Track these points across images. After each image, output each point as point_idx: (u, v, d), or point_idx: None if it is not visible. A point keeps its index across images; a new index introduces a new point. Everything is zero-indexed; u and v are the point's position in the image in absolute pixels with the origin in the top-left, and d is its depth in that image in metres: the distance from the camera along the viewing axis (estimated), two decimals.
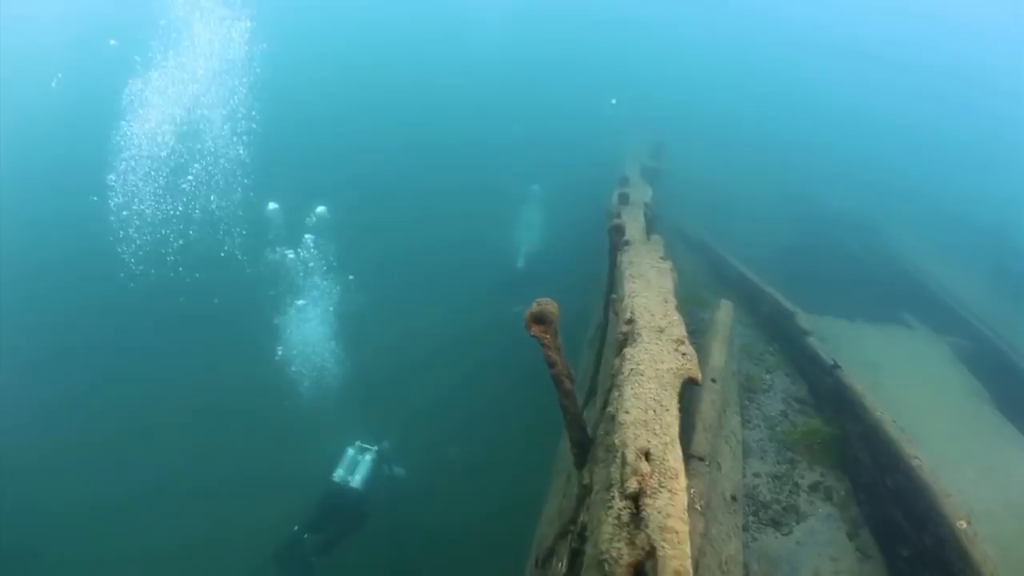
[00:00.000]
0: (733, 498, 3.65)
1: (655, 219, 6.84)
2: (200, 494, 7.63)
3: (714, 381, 4.16)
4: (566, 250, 11.81)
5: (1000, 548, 3.98)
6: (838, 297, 8.47)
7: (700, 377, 2.43)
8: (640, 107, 18.18)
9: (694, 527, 2.68)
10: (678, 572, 1.41)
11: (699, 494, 3.05)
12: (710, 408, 3.92)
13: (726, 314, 5.54)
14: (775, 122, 22.05)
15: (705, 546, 2.99)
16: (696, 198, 11.67)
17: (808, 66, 29.90)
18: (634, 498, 1.64)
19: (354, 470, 6.90)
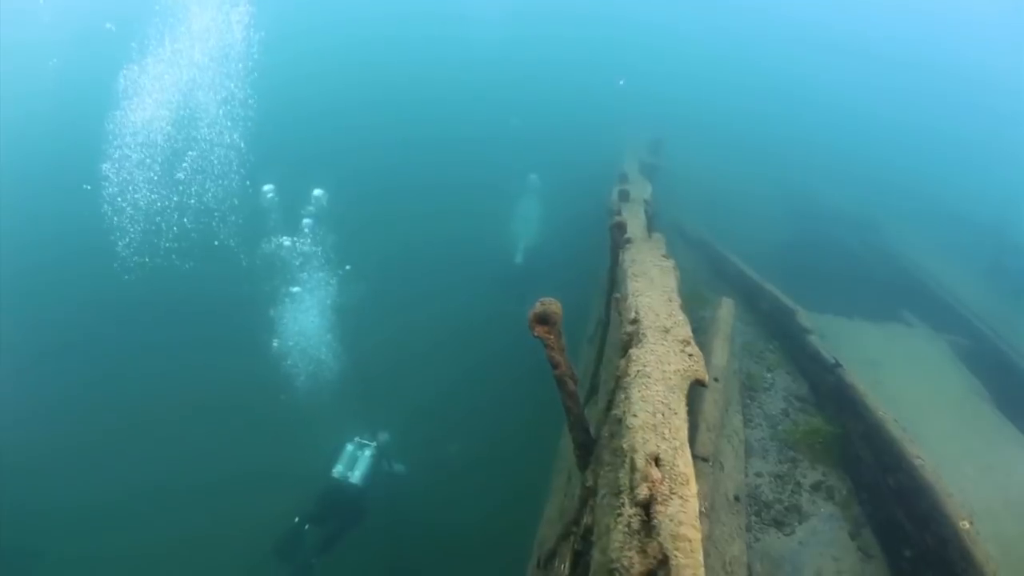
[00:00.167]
0: (736, 498, 3.63)
1: (654, 216, 6.81)
2: (199, 491, 7.58)
3: (716, 380, 4.13)
4: (564, 245, 11.76)
5: (1001, 548, 3.97)
6: (837, 295, 8.46)
7: (707, 379, 2.40)
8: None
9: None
10: None
11: (703, 495, 3.03)
12: (713, 407, 3.89)
13: (728, 312, 5.51)
14: (774, 119, 21.99)
15: (709, 548, 2.97)
16: (695, 195, 11.63)
17: (808, 63, 29.83)
18: (644, 505, 1.61)
19: (353, 466, 6.87)
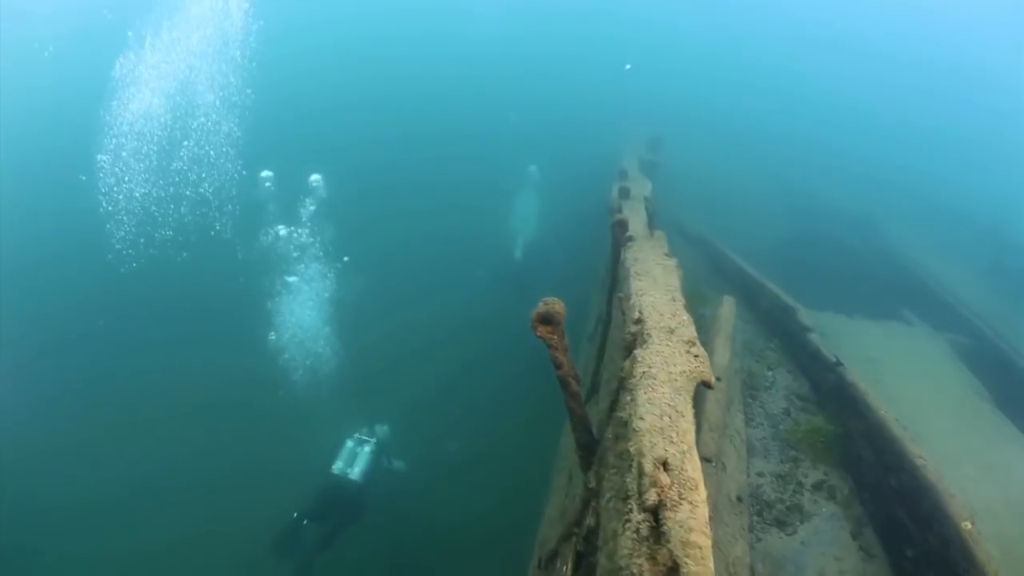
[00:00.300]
0: (739, 499, 3.62)
1: (654, 213, 6.77)
2: (199, 488, 7.53)
3: (719, 379, 4.11)
4: (563, 241, 11.71)
5: (1001, 548, 3.97)
6: (837, 293, 8.46)
7: (712, 380, 2.37)
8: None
9: None
10: None
11: (707, 496, 3.00)
12: (715, 407, 3.87)
13: (729, 310, 5.49)
14: (774, 116, 21.97)
15: (712, 549, 2.95)
16: (694, 192, 11.61)
17: (808, 60, 29.79)
18: (653, 511, 1.58)
19: (353, 462, 6.85)
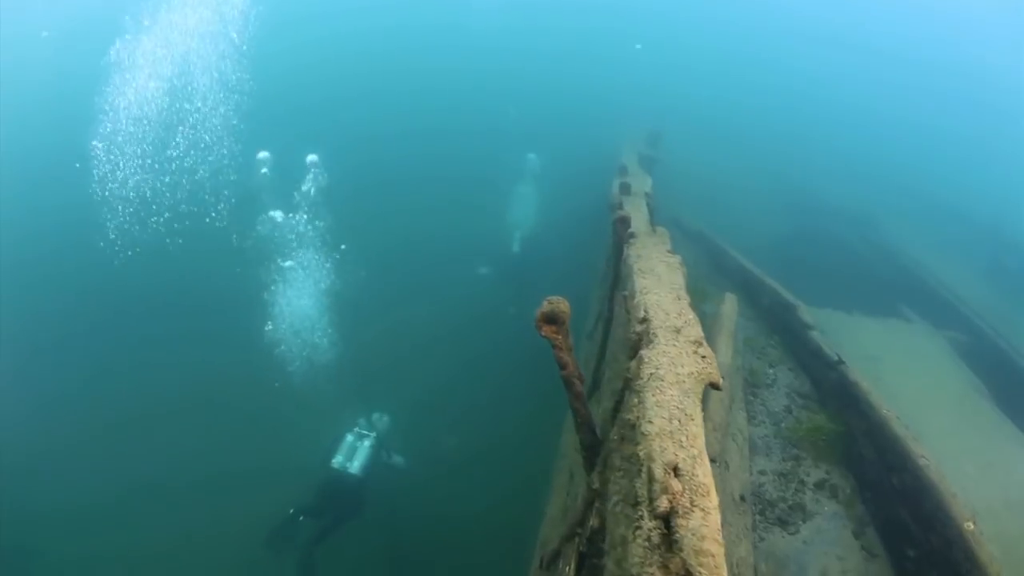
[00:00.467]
0: (742, 498, 3.60)
1: (655, 210, 6.73)
2: (197, 485, 7.49)
3: (723, 378, 4.08)
4: (562, 236, 11.66)
5: (1002, 548, 3.97)
6: (836, 290, 8.45)
7: (720, 382, 2.33)
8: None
9: None
10: None
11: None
12: (718, 406, 3.84)
13: (731, 308, 5.46)
14: (773, 113, 21.90)
15: None
16: (693, 188, 11.56)
17: (807, 57, 29.69)
18: (664, 517, 1.54)
19: (353, 456, 6.83)
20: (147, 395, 9.05)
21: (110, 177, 11.11)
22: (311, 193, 10.43)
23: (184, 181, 11.70)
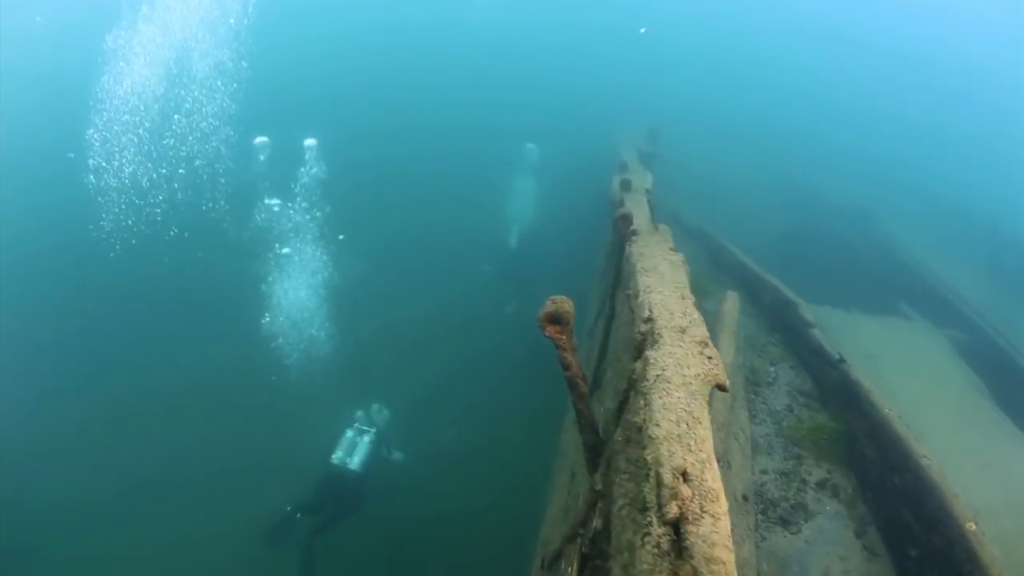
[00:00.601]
0: (744, 498, 3.58)
1: (655, 206, 6.70)
2: (198, 482, 7.44)
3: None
4: (561, 232, 11.61)
5: (1002, 547, 3.97)
6: (835, 287, 8.44)
7: (727, 383, 2.31)
8: None
9: None
10: None
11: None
12: (721, 404, 3.82)
13: (733, 306, 5.44)
14: (773, 110, 21.82)
15: None
16: (691, 185, 11.51)
17: (807, 54, 29.60)
18: (673, 524, 1.52)
19: (353, 452, 6.83)
20: (145, 391, 8.98)
21: (105, 168, 10.99)
22: (308, 180, 10.33)
23: (182, 171, 11.58)
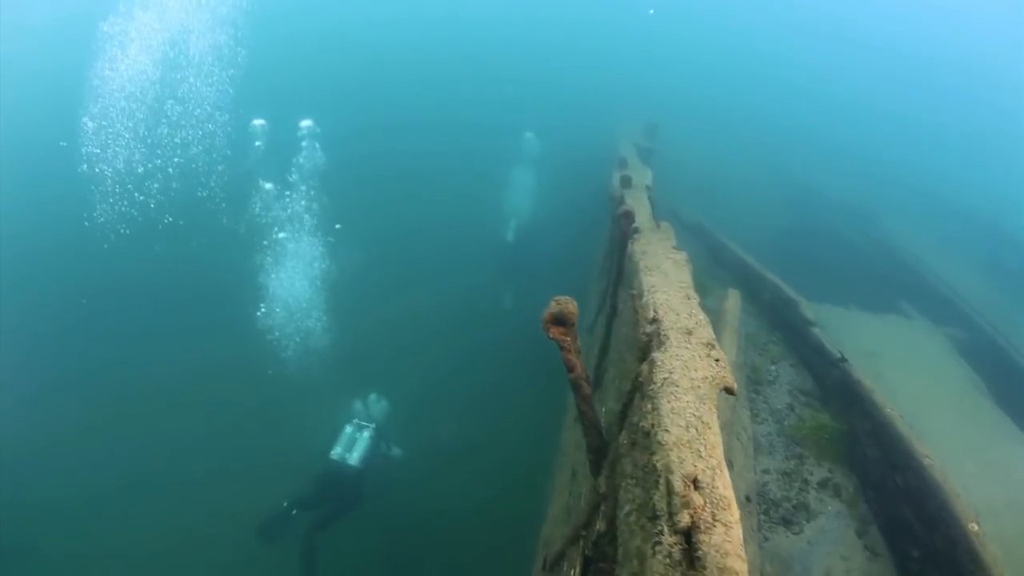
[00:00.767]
0: (747, 499, 3.56)
1: (655, 203, 6.66)
2: (196, 479, 7.40)
3: None
4: (560, 227, 11.56)
5: (1002, 547, 3.97)
6: (835, 285, 8.43)
7: (735, 386, 2.28)
8: None
9: None
10: None
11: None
12: (724, 404, 3.79)
13: (735, 304, 5.41)
14: (773, 107, 21.80)
15: None
16: (691, 182, 11.48)
17: (807, 51, 29.53)
18: (684, 532, 1.49)
19: (352, 447, 6.81)
20: (143, 388, 8.93)
21: (100, 156, 10.87)
22: (305, 163, 10.27)
23: (178, 158, 11.48)
